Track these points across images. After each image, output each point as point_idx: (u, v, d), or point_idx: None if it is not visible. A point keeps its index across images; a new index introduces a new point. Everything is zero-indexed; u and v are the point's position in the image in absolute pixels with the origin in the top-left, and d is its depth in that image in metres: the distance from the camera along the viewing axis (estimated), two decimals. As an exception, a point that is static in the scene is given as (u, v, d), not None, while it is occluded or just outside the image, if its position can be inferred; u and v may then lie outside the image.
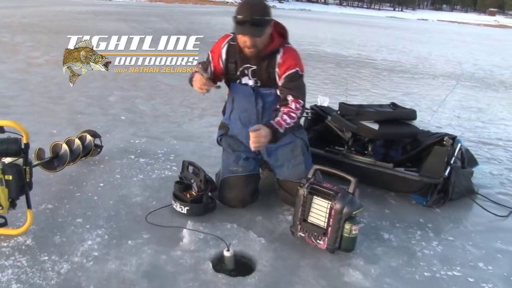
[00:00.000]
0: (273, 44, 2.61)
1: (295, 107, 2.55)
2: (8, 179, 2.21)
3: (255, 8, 2.46)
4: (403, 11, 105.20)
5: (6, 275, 1.99)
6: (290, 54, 2.63)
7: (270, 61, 2.62)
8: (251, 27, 2.44)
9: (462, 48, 18.73)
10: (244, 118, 2.83)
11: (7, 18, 15.74)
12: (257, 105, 2.75)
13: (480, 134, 5.14)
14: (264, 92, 2.73)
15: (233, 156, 2.83)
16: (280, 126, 2.44)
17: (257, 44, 2.52)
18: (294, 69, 2.60)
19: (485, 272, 2.34)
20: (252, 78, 2.71)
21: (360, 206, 2.33)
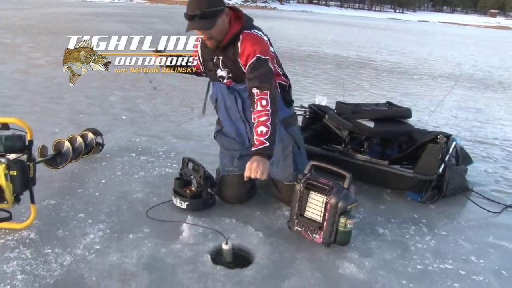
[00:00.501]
0: (231, 31, 2.52)
1: (261, 106, 2.38)
2: (12, 175, 2.27)
3: (202, 1, 2.40)
4: (403, 13, 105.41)
5: (11, 266, 2.05)
6: (248, 39, 2.49)
7: (233, 48, 2.53)
8: (200, 21, 2.40)
9: (462, 50, 18.82)
10: (227, 115, 2.80)
11: (7, 20, 15.85)
12: (237, 103, 2.70)
13: (477, 134, 5.20)
14: (240, 88, 2.66)
15: (228, 157, 2.88)
16: (262, 143, 2.32)
17: (214, 35, 2.48)
18: (254, 57, 2.45)
19: (477, 265, 2.40)
20: (224, 69, 2.65)
21: (355, 200, 2.40)
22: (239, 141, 2.88)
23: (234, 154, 2.84)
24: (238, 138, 2.88)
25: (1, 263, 2.07)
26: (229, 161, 2.86)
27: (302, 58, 10.80)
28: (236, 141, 2.89)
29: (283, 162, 2.75)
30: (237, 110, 2.72)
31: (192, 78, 6.39)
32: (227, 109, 2.77)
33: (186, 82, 6.87)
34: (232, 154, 2.85)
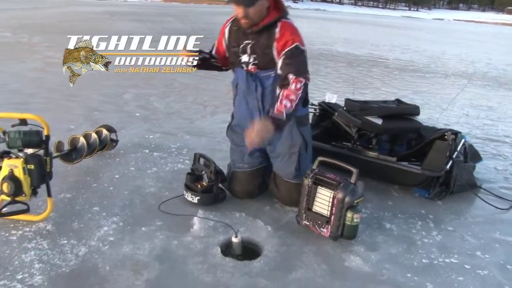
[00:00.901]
0: (269, 17, 2.54)
1: (295, 87, 2.44)
2: (30, 168, 2.37)
3: None
4: (418, 11, 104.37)
5: (29, 256, 2.15)
6: (287, 28, 2.53)
7: (268, 35, 2.55)
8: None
9: (477, 48, 18.63)
10: (245, 103, 2.79)
11: (25, 20, 16.09)
12: (257, 91, 2.68)
13: (488, 132, 5.20)
14: (262, 75, 2.65)
15: (237, 153, 2.92)
16: (281, 114, 2.37)
17: (250, 15, 2.49)
18: (293, 44, 2.49)
19: (482, 260, 2.44)
20: (251, 55, 2.63)
21: (362, 195, 2.45)
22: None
23: (244, 151, 2.87)
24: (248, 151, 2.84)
25: (20, 252, 2.17)
26: (239, 157, 2.92)
27: (314, 56, 10.80)
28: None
29: (288, 159, 2.77)
30: (256, 98, 2.71)
31: (206, 76, 6.48)
32: (246, 95, 2.75)
33: (199, 80, 6.95)
34: (242, 150, 2.88)
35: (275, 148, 2.79)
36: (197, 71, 2.91)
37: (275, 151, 2.80)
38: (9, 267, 2.05)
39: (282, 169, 2.80)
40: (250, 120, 2.57)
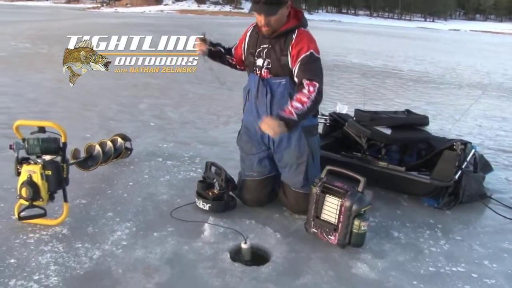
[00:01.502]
0: (288, 24, 2.63)
1: (307, 90, 2.46)
2: (48, 174, 2.47)
3: None
4: (434, 22, 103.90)
5: (45, 258, 2.23)
6: (304, 35, 2.61)
7: (284, 40, 2.63)
8: (264, 6, 2.51)
9: (493, 59, 18.50)
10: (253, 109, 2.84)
11: (44, 31, 16.49)
12: (266, 97, 2.73)
13: (501, 143, 5.18)
14: (273, 81, 2.70)
15: (247, 161, 2.98)
16: (291, 115, 2.37)
17: (272, 23, 2.57)
18: (308, 52, 2.55)
19: (489, 269, 2.45)
20: (265, 59, 2.70)
21: (369, 203, 2.49)
22: (258, 138, 2.91)
23: (253, 159, 2.94)
24: (260, 139, 2.90)
25: (37, 255, 2.26)
26: (248, 166, 2.98)
27: (328, 67, 10.86)
28: (254, 142, 2.94)
29: (296, 169, 2.81)
30: (265, 103, 2.75)
31: (219, 87, 6.58)
32: (256, 100, 2.80)
33: (213, 90, 7.07)
34: (251, 159, 2.95)
35: (283, 158, 2.84)
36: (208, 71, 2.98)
37: (283, 161, 2.85)
38: (26, 268, 2.14)
39: (290, 178, 2.85)
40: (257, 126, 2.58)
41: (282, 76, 2.68)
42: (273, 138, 2.59)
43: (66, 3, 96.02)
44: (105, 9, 61.56)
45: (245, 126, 3.00)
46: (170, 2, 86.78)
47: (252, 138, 2.95)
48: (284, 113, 2.38)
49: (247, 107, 2.92)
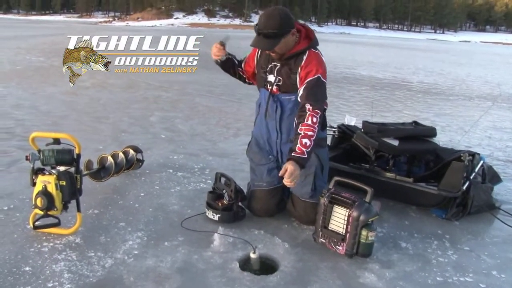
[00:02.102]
0: (298, 46, 2.69)
1: (311, 122, 2.55)
2: (62, 184, 2.54)
3: (269, 21, 2.57)
4: (444, 33, 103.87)
5: (59, 266, 2.29)
6: (313, 58, 2.67)
7: (295, 60, 2.70)
8: (263, 39, 2.60)
9: (503, 70, 18.46)
10: (264, 123, 2.93)
11: (57, 45, 16.75)
12: (276, 113, 2.82)
13: (510, 154, 5.18)
14: (284, 98, 2.79)
15: (257, 172, 3.05)
16: (303, 154, 2.50)
17: (277, 51, 2.66)
18: (316, 76, 2.62)
19: (498, 279, 2.46)
20: (276, 76, 2.79)
21: (376, 214, 2.52)
22: (268, 150, 3.01)
23: (263, 170, 3.01)
24: (268, 146, 2.99)
25: (51, 263, 2.31)
26: (258, 176, 3.04)
27: (337, 80, 10.95)
28: (264, 153, 3.02)
29: (304, 179, 2.84)
30: (275, 119, 2.84)
31: (229, 100, 6.65)
32: (267, 115, 2.89)
33: (223, 103, 7.16)
34: (261, 169, 3.02)
35: None
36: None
37: None
38: (41, 276, 2.20)
39: (298, 189, 2.87)
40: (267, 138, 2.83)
41: (291, 93, 2.76)
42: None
43: (79, 18, 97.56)
44: (117, 23, 62.42)
45: (255, 138, 3.08)
46: (180, 16, 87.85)
47: (262, 149, 3.04)
48: (296, 153, 2.50)
49: (258, 120, 3.01)
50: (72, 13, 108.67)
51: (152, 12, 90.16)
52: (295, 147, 2.52)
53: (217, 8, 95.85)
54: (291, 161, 2.48)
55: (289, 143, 2.77)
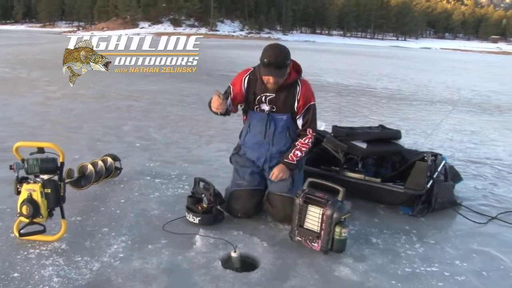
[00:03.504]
0: (291, 77, 3.06)
1: (308, 142, 3.13)
2: (47, 192, 2.61)
3: (279, 54, 2.95)
4: (406, 40, 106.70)
5: (48, 271, 2.36)
6: (307, 86, 3.12)
7: (290, 90, 3.08)
8: (275, 69, 2.92)
9: (463, 75, 19.24)
10: (258, 139, 3.20)
11: (22, 55, 16.51)
12: (269, 128, 3.14)
13: (470, 154, 5.50)
14: (278, 117, 3.14)
15: (240, 171, 3.25)
16: (293, 161, 3.07)
17: (279, 82, 3.01)
18: (312, 102, 3.13)
19: (460, 267, 2.68)
20: (269, 105, 3.12)
21: (348, 211, 2.71)
22: (254, 162, 3.25)
23: (246, 170, 3.22)
24: (257, 161, 3.24)
25: (39, 268, 2.38)
26: (241, 175, 3.23)
27: (305, 86, 11.19)
28: (250, 160, 3.26)
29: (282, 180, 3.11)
30: (266, 133, 3.15)
31: (200, 108, 6.76)
32: (258, 133, 3.19)
33: (195, 112, 7.26)
34: (244, 170, 3.23)
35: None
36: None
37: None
38: (30, 281, 2.27)
39: (276, 186, 3.10)
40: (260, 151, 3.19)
41: (284, 113, 3.13)
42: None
43: (41, 27, 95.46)
44: (82, 33, 61.50)
45: (244, 148, 3.31)
46: (146, 25, 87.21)
47: (248, 159, 3.28)
48: (288, 159, 3.08)
49: (248, 138, 3.27)
50: (34, 23, 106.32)
51: (117, 21, 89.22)
52: (288, 155, 3.09)
53: (182, 17, 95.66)
54: (281, 165, 3.07)
55: (278, 154, 3.17)
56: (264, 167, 3.23)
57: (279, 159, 3.15)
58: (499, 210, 3.64)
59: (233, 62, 18.89)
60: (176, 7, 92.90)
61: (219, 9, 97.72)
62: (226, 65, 16.93)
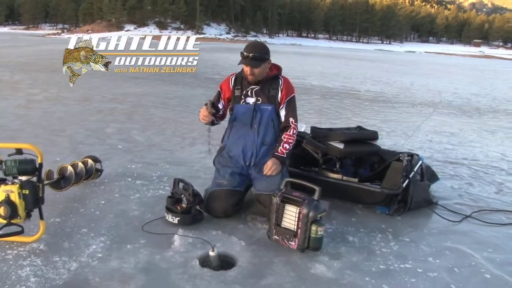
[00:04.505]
0: (271, 73, 3.35)
1: (292, 132, 3.33)
2: (25, 193, 2.62)
3: (256, 48, 3.30)
4: (391, 44, 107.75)
5: (25, 272, 2.37)
6: (288, 81, 3.40)
7: (272, 83, 3.34)
8: (251, 60, 3.20)
9: (444, 78, 19.51)
10: (242, 132, 3.34)
11: (4, 58, 16.34)
12: (256, 117, 3.30)
13: (448, 155, 5.60)
14: (263, 107, 3.32)
15: (221, 171, 3.32)
16: (283, 154, 3.26)
17: (256, 73, 3.23)
18: (293, 94, 3.38)
19: (433, 264, 2.75)
20: (254, 96, 3.33)
21: (324, 210, 2.76)
22: (238, 159, 3.35)
23: (227, 170, 3.29)
24: (241, 157, 3.34)
25: (16, 269, 2.39)
26: (222, 174, 3.29)
27: (289, 89, 11.27)
28: (233, 161, 3.34)
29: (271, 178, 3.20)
30: (253, 121, 3.31)
31: (184, 110, 6.77)
32: (244, 125, 3.33)
33: (178, 114, 7.28)
34: (226, 170, 3.30)
35: (259, 169, 3.26)
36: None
37: (259, 172, 3.25)
38: (7, 281, 2.28)
39: (266, 187, 3.17)
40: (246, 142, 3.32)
41: (269, 104, 3.33)
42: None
43: (25, 29, 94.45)
44: (66, 35, 60.98)
45: (228, 148, 3.42)
46: (131, 28, 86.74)
47: (232, 158, 3.37)
48: (279, 152, 3.26)
49: (232, 133, 3.41)
50: (18, 25, 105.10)
51: (102, 24, 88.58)
52: (278, 149, 3.27)
53: (168, 20, 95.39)
54: (273, 158, 3.24)
55: (264, 146, 3.32)
56: (250, 162, 3.32)
57: (265, 154, 3.30)
58: (474, 209, 3.72)
59: (219, 65, 18.94)
60: (162, 10, 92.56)
61: (205, 12, 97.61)
62: (211, 68, 16.96)
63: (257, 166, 3.30)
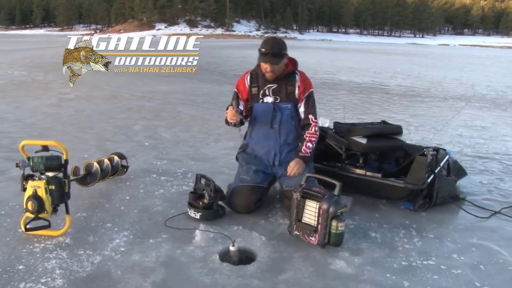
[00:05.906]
0: (288, 69, 3.30)
1: (314, 131, 3.31)
2: (51, 189, 2.71)
3: (275, 44, 3.20)
4: (423, 37, 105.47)
5: (51, 264, 2.46)
6: (305, 76, 3.35)
7: (289, 79, 3.30)
8: (271, 57, 3.15)
9: (479, 71, 18.99)
10: (264, 131, 3.35)
11: (38, 59, 16.84)
12: (276, 117, 3.30)
13: (478, 149, 5.46)
14: (282, 106, 3.30)
15: (245, 167, 3.34)
16: (307, 153, 3.27)
17: (275, 70, 3.21)
18: (311, 90, 3.34)
19: (457, 261, 2.69)
20: (272, 96, 3.30)
21: (345, 205, 2.74)
22: (262, 159, 3.38)
23: (251, 167, 3.32)
24: (264, 155, 3.37)
25: (43, 261, 2.48)
26: (245, 170, 3.32)
27: (316, 85, 11.03)
28: (257, 159, 3.38)
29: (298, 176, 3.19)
30: (273, 121, 3.31)
31: (211, 107, 6.84)
32: (265, 124, 3.34)
33: (205, 111, 7.35)
34: (249, 167, 3.33)
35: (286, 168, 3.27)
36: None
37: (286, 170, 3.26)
38: (34, 273, 2.36)
39: (292, 180, 3.17)
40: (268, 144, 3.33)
41: (288, 102, 3.31)
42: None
43: (60, 31, 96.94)
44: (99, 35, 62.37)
45: (252, 147, 3.44)
46: (162, 27, 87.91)
47: (256, 157, 3.39)
48: (302, 152, 3.27)
49: (254, 132, 3.43)
50: (53, 27, 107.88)
51: (134, 24, 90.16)
52: (301, 148, 3.28)
53: (198, 18, 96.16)
54: (297, 158, 3.24)
55: (286, 146, 3.34)
56: (274, 162, 3.34)
57: (289, 154, 3.31)
58: (504, 204, 3.61)
59: (248, 61, 18.94)
60: (192, 8, 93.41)
61: (235, 9, 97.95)
62: (240, 65, 17.04)
63: (282, 165, 3.31)
